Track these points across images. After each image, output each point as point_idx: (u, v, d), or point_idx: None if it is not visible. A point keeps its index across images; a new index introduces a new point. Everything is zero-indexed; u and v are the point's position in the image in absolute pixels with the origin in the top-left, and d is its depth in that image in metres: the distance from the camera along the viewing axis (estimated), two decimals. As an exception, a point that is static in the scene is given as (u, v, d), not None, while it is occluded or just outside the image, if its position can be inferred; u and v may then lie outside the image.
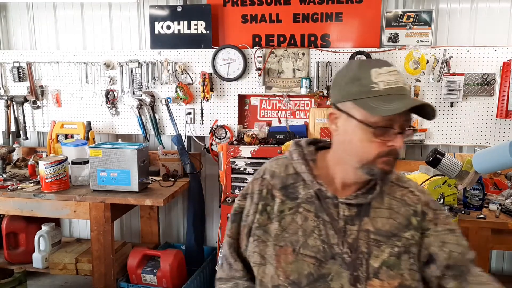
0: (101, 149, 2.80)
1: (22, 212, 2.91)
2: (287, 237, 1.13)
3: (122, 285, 3.08)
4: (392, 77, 1.05)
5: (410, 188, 1.18)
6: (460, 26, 3.09)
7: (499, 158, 1.87)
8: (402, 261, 1.10)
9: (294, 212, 1.15)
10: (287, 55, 3.28)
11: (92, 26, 3.64)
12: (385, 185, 1.15)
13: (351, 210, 1.12)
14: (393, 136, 1.04)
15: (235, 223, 1.23)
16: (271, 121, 3.37)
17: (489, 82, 3.00)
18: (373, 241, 1.10)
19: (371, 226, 1.11)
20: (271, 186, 1.20)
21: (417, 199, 1.16)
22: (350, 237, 1.10)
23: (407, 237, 1.11)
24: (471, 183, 2.07)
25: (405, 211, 1.14)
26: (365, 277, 1.08)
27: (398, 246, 1.10)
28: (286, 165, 1.21)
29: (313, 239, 1.11)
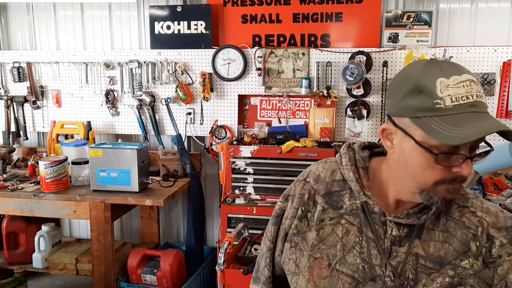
0: (101, 149, 2.80)
1: (22, 212, 2.91)
2: (324, 249, 1.02)
3: (122, 285, 3.08)
4: (463, 90, 0.84)
5: (471, 208, 0.98)
6: (460, 26, 3.09)
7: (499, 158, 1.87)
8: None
9: (335, 223, 1.03)
10: (287, 55, 3.28)
11: (92, 26, 3.65)
12: (446, 208, 0.98)
13: (401, 230, 0.97)
14: (459, 161, 0.86)
15: (275, 225, 1.13)
16: (271, 121, 3.37)
17: (489, 82, 3.00)
18: (422, 267, 0.95)
19: (421, 250, 0.96)
20: (314, 191, 1.08)
21: (478, 221, 0.96)
22: (395, 260, 0.97)
23: (464, 266, 0.94)
24: (471, 183, 2.07)
25: (463, 235, 0.96)
26: None
27: (452, 276, 0.94)
28: (333, 169, 1.08)
29: (353, 256, 0.99)
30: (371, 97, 3.19)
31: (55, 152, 3.45)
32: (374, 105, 3.19)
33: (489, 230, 0.95)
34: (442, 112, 0.84)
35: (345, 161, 1.05)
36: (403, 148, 0.91)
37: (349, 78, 3.05)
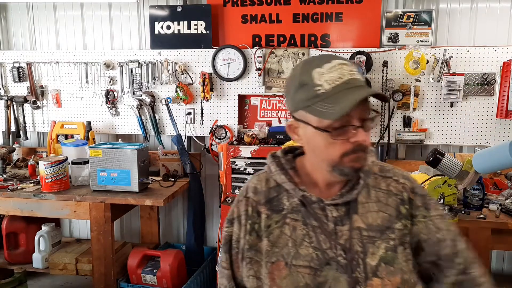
0: (101, 149, 2.80)
1: (22, 212, 2.91)
2: (278, 252, 1.08)
3: (122, 285, 3.08)
4: (335, 73, 0.99)
5: (394, 177, 1.13)
6: (460, 26, 3.09)
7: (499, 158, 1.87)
8: (399, 254, 1.05)
9: (281, 224, 1.10)
10: (287, 55, 3.28)
11: (92, 26, 3.65)
12: (368, 178, 1.11)
13: (340, 210, 1.08)
14: (353, 132, 1.01)
15: (227, 253, 1.16)
16: (271, 121, 3.37)
17: (489, 82, 3.00)
18: (367, 238, 1.05)
19: (362, 223, 1.06)
20: (255, 203, 1.15)
21: (402, 187, 1.11)
22: (342, 238, 1.05)
23: (400, 228, 1.07)
24: (471, 183, 2.07)
25: (393, 201, 1.09)
26: (363, 277, 1.02)
27: (393, 239, 1.06)
28: (267, 179, 1.17)
29: (305, 248, 1.06)
30: (371, 97, 3.18)
31: (55, 152, 3.45)
32: (374, 105, 3.19)
33: (410, 195, 1.11)
34: (324, 96, 0.98)
35: (274, 168, 1.15)
36: (307, 136, 1.06)
37: (349, 78, 3.05)
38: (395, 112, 3.17)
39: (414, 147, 3.24)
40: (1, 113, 3.72)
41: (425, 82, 3.09)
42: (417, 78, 3.07)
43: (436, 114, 3.12)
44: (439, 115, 3.11)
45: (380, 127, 3.19)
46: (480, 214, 2.28)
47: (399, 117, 3.17)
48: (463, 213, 2.21)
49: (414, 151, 3.26)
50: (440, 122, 3.12)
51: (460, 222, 2.21)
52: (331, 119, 0.97)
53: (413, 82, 3.09)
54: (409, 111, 3.14)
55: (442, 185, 2.27)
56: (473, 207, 2.34)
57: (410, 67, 2.97)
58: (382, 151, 2.46)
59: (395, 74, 3.13)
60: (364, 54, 3.10)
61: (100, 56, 3.53)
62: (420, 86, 3.10)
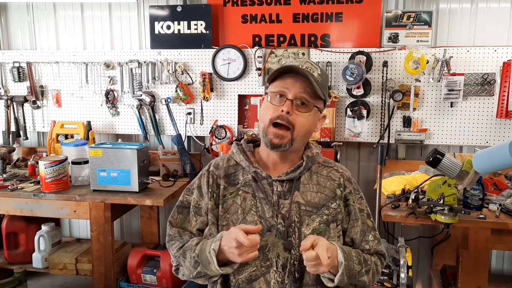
0: (101, 149, 2.80)
1: (22, 212, 2.91)
2: (229, 217, 1.31)
3: (122, 285, 3.08)
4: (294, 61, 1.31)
5: (334, 167, 1.40)
6: (460, 26, 3.09)
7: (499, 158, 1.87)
8: (331, 229, 1.29)
9: (234, 195, 1.33)
10: (287, 55, 3.28)
11: (92, 26, 3.65)
12: (311, 163, 1.34)
13: (284, 186, 1.30)
14: (283, 102, 1.24)
15: (181, 214, 1.43)
16: (271, 121, 3.36)
17: (489, 82, 3.00)
18: (304, 211, 1.28)
19: (301, 199, 1.30)
20: (216, 176, 1.38)
21: (340, 175, 1.37)
22: (283, 209, 1.28)
23: (334, 207, 1.31)
24: (471, 183, 2.07)
25: (331, 185, 1.34)
26: (297, 242, 1.24)
27: (327, 214, 1.30)
28: (228, 158, 1.41)
29: (251, 216, 1.28)
30: (371, 97, 3.19)
31: (55, 152, 3.45)
32: (374, 105, 3.19)
33: (345, 182, 1.36)
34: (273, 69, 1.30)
35: (235, 150, 1.39)
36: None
37: (349, 78, 3.05)
38: (395, 112, 3.17)
39: (414, 147, 3.24)
40: (1, 113, 3.72)
41: (425, 82, 3.09)
42: (417, 78, 3.07)
43: (436, 114, 3.12)
44: (439, 115, 3.11)
45: (380, 127, 3.19)
46: (480, 214, 2.27)
47: (399, 117, 3.17)
48: (463, 213, 2.20)
49: (414, 151, 3.26)
50: (440, 122, 3.12)
51: (460, 222, 2.21)
52: (267, 81, 1.29)
53: (413, 82, 3.09)
54: (409, 111, 3.14)
55: (442, 185, 2.27)
56: (473, 207, 2.34)
57: (410, 67, 2.97)
58: (382, 151, 2.46)
59: (395, 74, 3.13)
60: (364, 54, 3.10)
61: (100, 56, 3.53)
62: (420, 86, 3.10)
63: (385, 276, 1.99)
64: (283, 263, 1.23)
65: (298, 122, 1.24)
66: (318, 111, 1.30)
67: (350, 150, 3.38)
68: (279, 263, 1.24)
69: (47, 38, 3.74)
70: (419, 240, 3.26)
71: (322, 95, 1.27)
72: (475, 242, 2.30)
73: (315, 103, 1.27)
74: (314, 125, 1.32)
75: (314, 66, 1.29)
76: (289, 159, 1.34)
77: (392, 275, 1.98)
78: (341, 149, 3.12)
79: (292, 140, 1.26)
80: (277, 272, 1.23)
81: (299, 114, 1.24)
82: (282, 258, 1.24)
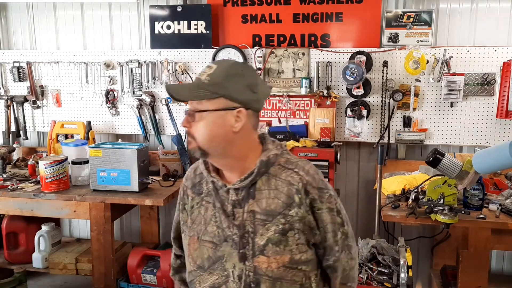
0: (101, 149, 2.80)
1: (22, 212, 2.91)
2: (195, 228, 1.30)
3: (122, 285, 3.08)
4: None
5: (295, 169, 1.25)
6: (460, 26, 3.09)
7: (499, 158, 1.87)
8: (289, 237, 1.20)
9: (199, 205, 1.31)
10: (287, 55, 3.28)
11: (92, 26, 3.65)
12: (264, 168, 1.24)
13: (239, 195, 1.24)
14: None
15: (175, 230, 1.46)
16: (271, 121, 3.36)
17: (489, 82, 3.00)
18: (259, 220, 1.21)
19: (256, 207, 1.22)
20: (186, 187, 1.38)
21: (300, 178, 1.23)
22: (238, 219, 1.23)
23: (292, 214, 1.21)
24: (471, 183, 2.07)
25: (288, 190, 1.22)
26: (251, 254, 1.20)
27: (283, 223, 1.20)
28: (195, 167, 1.39)
29: (211, 226, 1.26)
30: (371, 97, 3.19)
31: (55, 152, 3.45)
32: (374, 105, 3.19)
33: (306, 187, 1.23)
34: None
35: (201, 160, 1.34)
36: None
37: (349, 78, 3.05)
38: (395, 112, 3.17)
39: (414, 147, 3.24)
40: (1, 113, 3.72)
41: (425, 82, 3.09)
42: (417, 78, 3.07)
43: (436, 114, 3.12)
44: (439, 115, 3.11)
45: (380, 127, 3.19)
46: (480, 214, 2.27)
47: (399, 117, 3.17)
48: (463, 213, 2.20)
49: (414, 151, 3.26)
50: (440, 122, 3.12)
51: (460, 222, 2.21)
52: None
53: (413, 82, 3.09)
54: (409, 111, 3.14)
55: (442, 185, 2.27)
56: (473, 207, 2.34)
57: (410, 67, 2.97)
58: (382, 151, 2.46)
59: (395, 74, 3.13)
60: (364, 54, 3.10)
61: (100, 56, 3.53)
62: (420, 86, 3.10)
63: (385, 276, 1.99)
64: (239, 273, 1.21)
65: (196, 131, 1.20)
66: (224, 111, 1.18)
67: (350, 150, 3.38)
68: (235, 274, 1.22)
69: (47, 38, 3.74)
70: (419, 240, 3.26)
71: (211, 93, 1.17)
72: (475, 242, 2.30)
73: (211, 106, 1.18)
74: (223, 126, 1.19)
75: (208, 67, 1.21)
76: (235, 167, 1.26)
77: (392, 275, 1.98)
78: (341, 149, 3.12)
79: (201, 149, 1.21)
80: (234, 282, 1.22)
81: (195, 124, 1.20)
82: (238, 268, 1.21)
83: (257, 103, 1.24)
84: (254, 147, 1.27)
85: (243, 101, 1.20)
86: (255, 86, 1.22)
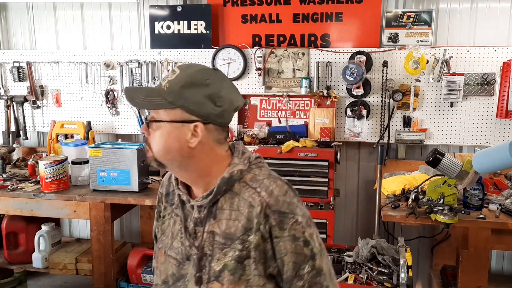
0: (101, 149, 2.80)
1: (22, 212, 2.91)
2: (164, 240, 1.20)
3: (122, 285, 3.08)
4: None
5: (258, 188, 1.08)
6: (460, 26, 3.09)
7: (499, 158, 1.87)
8: (246, 266, 1.05)
9: (170, 217, 1.22)
10: (287, 55, 3.28)
11: (92, 26, 3.65)
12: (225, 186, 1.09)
13: (201, 212, 1.12)
14: None
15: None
16: (271, 121, 3.37)
17: (489, 82, 3.00)
18: (217, 243, 1.08)
19: (217, 228, 1.09)
20: (161, 194, 1.28)
21: (260, 201, 1.06)
22: (198, 239, 1.11)
23: (250, 240, 1.06)
24: (471, 183, 2.07)
25: (249, 213, 1.07)
26: (207, 279, 1.08)
27: (240, 249, 1.05)
28: (170, 175, 1.26)
29: (177, 241, 1.16)
30: (371, 97, 3.19)
31: (55, 152, 3.45)
32: (374, 105, 3.19)
33: (266, 210, 1.06)
34: None
35: None
36: None
37: (349, 78, 3.05)
38: (395, 112, 3.17)
39: (414, 147, 3.24)
40: (1, 113, 3.72)
41: (425, 82, 3.09)
42: (417, 78, 3.07)
43: (436, 114, 3.12)
44: (439, 115, 3.11)
45: (380, 127, 3.19)
46: (480, 214, 2.27)
47: (399, 117, 3.17)
48: (463, 213, 2.21)
49: (414, 151, 3.26)
50: (440, 122, 3.12)
51: (460, 222, 2.21)
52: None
53: (413, 82, 3.09)
54: (409, 111, 3.14)
55: (442, 185, 2.27)
56: (473, 207, 2.34)
57: (410, 67, 2.97)
58: (382, 151, 2.46)
59: (395, 74, 3.13)
60: (364, 54, 3.10)
61: (100, 56, 3.53)
62: (420, 86, 3.10)
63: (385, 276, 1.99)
64: None
65: (152, 141, 1.10)
66: (181, 123, 1.06)
67: (350, 150, 3.38)
68: None
69: (47, 38, 3.74)
70: (419, 240, 3.26)
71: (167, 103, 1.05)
72: (475, 242, 2.30)
73: (167, 116, 1.07)
74: (179, 140, 1.07)
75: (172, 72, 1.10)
76: (198, 182, 1.13)
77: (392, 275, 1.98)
78: (341, 149, 3.12)
79: (156, 160, 1.11)
80: None
81: (152, 132, 1.09)
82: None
83: (219, 117, 1.08)
84: (219, 161, 1.12)
85: (202, 114, 1.06)
86: (219, 98, 1.07)
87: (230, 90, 1.11)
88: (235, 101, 1.11)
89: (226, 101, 1.09)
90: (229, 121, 1.13)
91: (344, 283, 1.97)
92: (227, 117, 1.11)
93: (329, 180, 2.89)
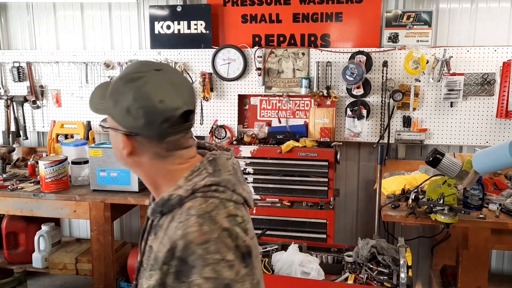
0: (101, 149, 2.80)
1: (22, 212, 2.91)
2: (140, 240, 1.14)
3: (122, 285, 3.08)
4: None
5: (180, 223, 0.91)
6: (460, 26, 3.09)
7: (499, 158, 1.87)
8: None
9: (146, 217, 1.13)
10: (287, 55, 3.28)
11: (92, 26, 3.65)
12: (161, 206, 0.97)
13: (148, 224, 1.04)
14: None
15: None
16: (271, 121, 3.36)
17: (489, 82, 3.00)
18: (150, 261, 0.96)
19: (154, 245, 0.96)
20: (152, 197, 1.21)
21: (171, 238, 0.91)
22: (142, 249, 1.03)
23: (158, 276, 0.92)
24: (471, 183, 2.07)
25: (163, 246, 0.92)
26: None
27: (158, 279, 0.92)
28: None
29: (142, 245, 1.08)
30: (371, 97, 3.19)
31: (55, 152, 3.45)
32: (374, 105, 3.19)
33: (174, 251, 0.89)
34: None
35: None
36: None
37: (349, 78, 3.05)
38: (395, 112, 3.17)
39: (414, 147, 3.24)
40: (1, 113, 3.72)
41: (425, 82, 3.09)
42: (417, 78, 3.07)
43: (436, 114, 3.12)
44: (439, 115, 3.11)
45: (380, 127, 3.19)
46: (480, 214, 2.27)
47: (399, 117, 3.17)
48: (463, 213, 2.20)
49: (414, 151, 3.26)
50: (440, 122, 3.12)
51: (460, 222, 2.21)
52: None
53: (413, 82, 3.09)
54: (409, 111, 3.14)
55: (442, 185, 2.27)
56: (473, 207, 2.34)
57: (410, 67, 2.97)
58: (382, 151, 2.46)
59: (395, 74, 3.13)
60: (364, 54, 3.10)
61: (100, 56, 3.53)
62: (420, 86, 3.10)
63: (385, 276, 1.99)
64: None
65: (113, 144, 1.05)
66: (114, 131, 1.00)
67: (350, 150, 3.38)
68: None
69: (47, 38, 3.74)
70: (419, 240, 3.26)
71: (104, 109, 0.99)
72: (475, 242, 2.30)
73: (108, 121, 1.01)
74: (116, 147, 1.03)
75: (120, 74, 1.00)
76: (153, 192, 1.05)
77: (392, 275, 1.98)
78: (341, 149, 3.12)
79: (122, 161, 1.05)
80: None
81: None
82: None
83: (146, 130, 0.93)
84: (166, 176, 1.00)
85: (125, 125, 0.95)
86: (138, 110, 0.92)
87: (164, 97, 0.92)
88: (167, 111, 0.92)
89: (150, 112, 0.91)
90: (165, 134, 0.95)
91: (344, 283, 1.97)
92: (158, 130, 0.93)
93: (329, 180, 2.89)
